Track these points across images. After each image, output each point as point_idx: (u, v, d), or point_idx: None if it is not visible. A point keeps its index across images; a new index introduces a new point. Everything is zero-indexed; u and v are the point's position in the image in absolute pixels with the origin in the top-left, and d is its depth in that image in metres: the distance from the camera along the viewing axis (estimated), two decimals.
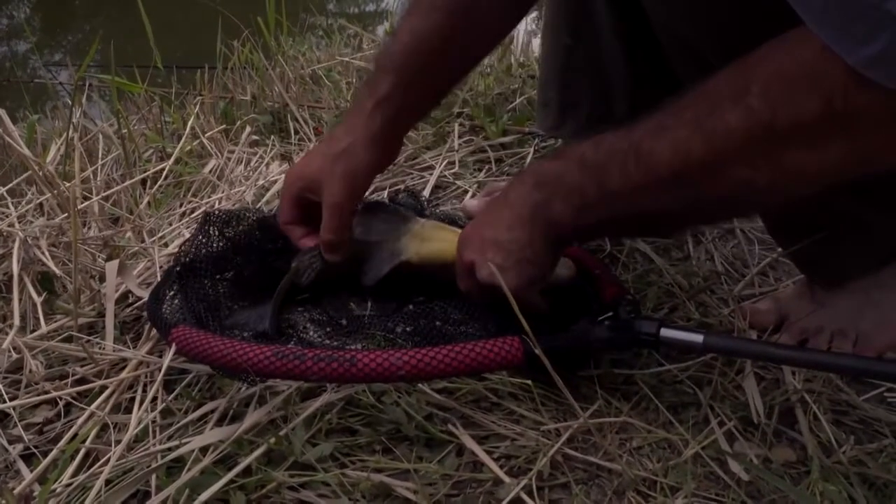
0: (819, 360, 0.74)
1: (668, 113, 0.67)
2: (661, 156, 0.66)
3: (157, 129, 1.54)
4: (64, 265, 1.05)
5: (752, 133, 0.61)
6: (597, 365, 0.83)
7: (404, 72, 0.88)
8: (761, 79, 0.59)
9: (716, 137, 0.63)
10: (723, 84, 0.63)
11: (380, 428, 0.76)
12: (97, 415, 0.80)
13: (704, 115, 0.63)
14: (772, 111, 0.59)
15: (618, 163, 0.70)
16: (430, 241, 0.91)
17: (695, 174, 0.66)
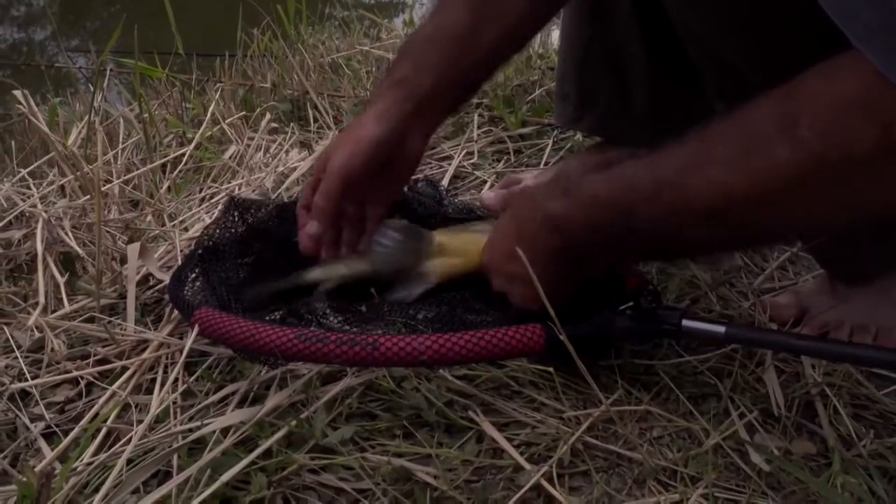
0: (841, 352, 0.73)
1: (698, 147, 0.64)
2: (698, 193, 0.63)
3: (177, 114, 1.55)
4: (86, 246, 1.06)
5: (804, 168, 0.57)
6: (617, 355, 0.83)
7: (422, 57, 0.88)
8: (811, 110, 0.56)
9: (762, 174, 0.59)
10: (765, 116, 0.59)
11: (400, 413, 0.76)
12: (118, 395, 0.80)
13: (746, 150, 0.60)
14: (824, 144, 0.55)
15: (644, 201, 0.67)
16: (453, 257, 0.89)
17: (737, 212, 0.63)
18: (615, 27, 1.10)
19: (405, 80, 0.88)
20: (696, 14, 0.81)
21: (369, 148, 0.87)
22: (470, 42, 0.88)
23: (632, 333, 0.76)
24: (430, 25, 0.91)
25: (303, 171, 1.31)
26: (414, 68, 0.88)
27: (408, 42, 0.93)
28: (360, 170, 0.87)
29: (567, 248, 0.74)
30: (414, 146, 0.91)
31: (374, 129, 0.87)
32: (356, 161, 0.87)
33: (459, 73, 0.89)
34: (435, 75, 0.88)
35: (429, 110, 0.90)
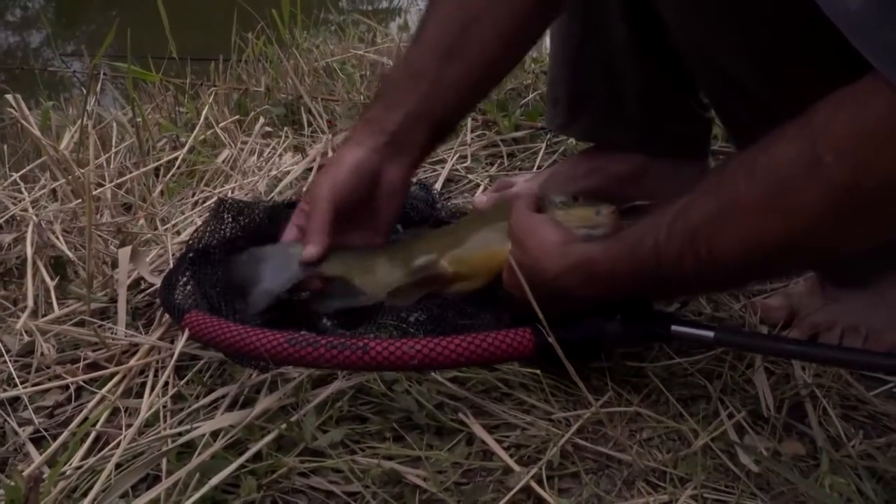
0: (829, 355, 0.74)
1: (721, 198, 0.63)
2: (730, 250, 0.63)
3: (170, 118, 1.55)
4: (77, 250, 1.06)
5: (837, 204, 0.56)
6: (608, 357, 0.83)
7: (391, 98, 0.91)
8: (835, 144, 0.55)
9: (794, 218, 0.59)
10: (788, 157, 0.58)
11: (390, 416, 0.76)
12: (108, 399, 0.80)
13: (774, 196, 0.59)
14: (854, 177, 0.54)
15: (672, 265, 0.67)
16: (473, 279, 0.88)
17: (771, 259, 0.63)
18: (606, 33, 1.10)
19: (375, 118, 0.90)
20: (698, 26, 0.81)
21: (351, 170, 0.88)
22: (437, 83, 0.88)
23: (622, 338, 0.76)
24: (399, 71, 0.94)
25: (296, 175, 1.31)
26: (383, 107, 0.90)
27: (378, 89, 0.97)
28: (345, 190, 0.88)
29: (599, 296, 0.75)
30: (394, 179, 0.91)
31: (352, 156, 0.89)
32: (339, 181, 0.88)
33: (428, 111, 0.90)
34: (403, 112, 0.89)
35: (402, 144, 0.90)
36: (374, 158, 0.89)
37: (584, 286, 0.74)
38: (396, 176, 0.91)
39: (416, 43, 0.92)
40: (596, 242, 0.75)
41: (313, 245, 0.87)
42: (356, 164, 0.88)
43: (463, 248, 0.88)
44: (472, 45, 0.87)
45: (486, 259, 0.86)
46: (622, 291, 0.75)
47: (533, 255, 0.77)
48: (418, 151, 0.93)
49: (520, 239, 0.80)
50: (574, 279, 0.74)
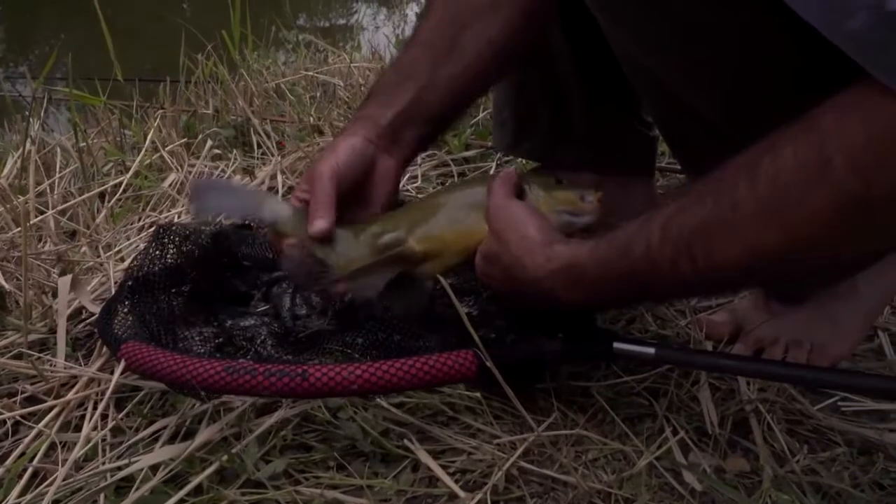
0: (768, 371, 0.74)
1: (718, 205, 0.61)
2: (728, 258, 0.61)
3: (116, 142, 1.53)
4: (16, 280, 1.03)
5: (846, 210, 0.54)
6: (554, 377, 0.83)
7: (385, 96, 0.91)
8: (843, 150, 0.52)
9: (798, 225, 0.56)
10: (793, 161, 0.55)
11: (335, 444, 0.75)
12: (45, 433, 0.78)
13: (777, 202, 0.57)
14: (865, 182, 0.52)
15: (666, 270, 0.65)
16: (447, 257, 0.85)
17: (771, 266, 0.62)
18: (550, 54, 1.11)
19: (369, 114, 0.91)
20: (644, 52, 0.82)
21: (348, 152, 0.88)
22: (429, 83, 0.89)
23: (564, 357, 0.76)
24: (393, 71, 0.94)
25: None
26: (377, 105, 0.91)
27: (372, 88, 0.96)
28: (344, 171, 0.87)
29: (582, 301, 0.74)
30: (387, 168, 0.91)
31: (348, 141, 0.88)
32: (339, 163, 0.87)
33: (420, 110, 0.90)
34: (396, 110, 0.90)
35: (394, 140, 0.91)
36: (370, 147, 0.89)
37: (570, 291, 0.72)
38: (390, 166, 0.91)
39: (411, 44, 0.93)
40: (582, 244, 0.72)
41: (321, 219, 0.84)
42: (351, 148, 0.88)
43: (433, 225, 0.85)
44: (463, 50, 0.88)
45: (458, 238, 0.84)
46: (610, 295, 0.73)
47: (513, 252, 0.76)
48: (410, 148, 0.93)
49: (499, 230, 0.78)
50: (559, 283, 0.72)
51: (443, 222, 0.85)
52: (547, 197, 0.82)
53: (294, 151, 1.45)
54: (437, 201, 0.89)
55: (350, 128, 0.91)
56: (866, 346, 0.98)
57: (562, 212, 0.82)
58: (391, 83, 0.92)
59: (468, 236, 0.83)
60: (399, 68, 0.93)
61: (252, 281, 1.00)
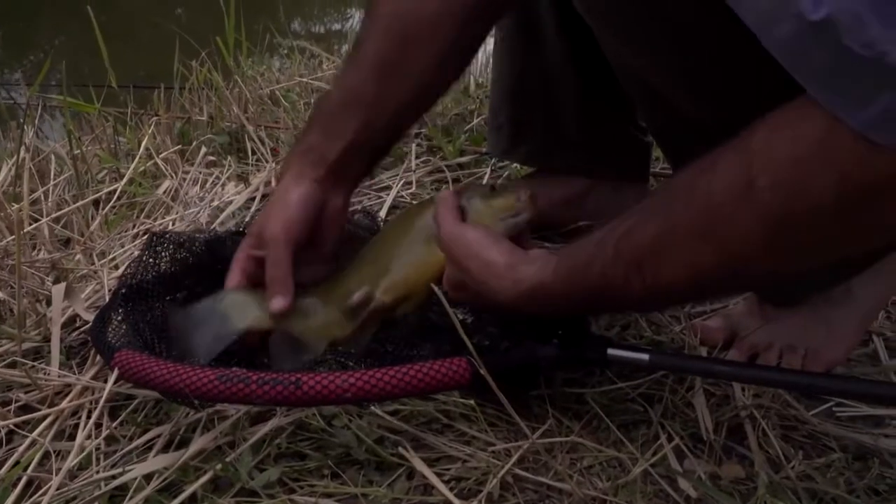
0: (763, 376, 0.74)
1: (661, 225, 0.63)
2: (673, 276, 0.63)
3: (110, 149, 1.52)
4: (10, 289, 1.03)
5: (770, 229, 0.57)
6: (549, 384, 0.83)
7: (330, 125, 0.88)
8: (767, 169, 0.55)
9: (730, 244, 0.59)
10: (722, 183, 0.58)
11: (330, 452, 0.75)
12: (39, 442, 0.78)
13: (709, 221, 0.59)
14: (787, 202, 0.55)
15: (620, 287, 0.67)
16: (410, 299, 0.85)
17: (712, 283, 0.65)
18: (545, 59, 1.12)
19: (314, 147, 0.88)
20: (633, 53, 0.82)
21: (299, 207, 0.86)
22: (377, 107, 0.87)
23: (558, 363, 0.76)
24: (337, 93, 0.91)
25: (238, 205, 1.29)
26: (323, 135, 0.88)
27: (315, 111, 0.93)
28: (299, 229, 0.85)
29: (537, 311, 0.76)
30: (336, 208, 0.90)
31: (297, 190, 0.86)
32: (293, 221, 0.85)
33: (368, 139, 0.88)
34: (344, 141, 0.87)
35: (343, 174, 0.89)
36: (318, 191, 0.87)
37: (540, 307, 0.74)
38: (338, 205, 0.90)
39: (353, 63, 0.89)
40: (546, 264, 0.73)
41: (281, 296, 0.83)
42: (303, 200, 0.86)
43: (395, 270, 0.85)
44: (411, 64, 0.85)
45: (422, 276, 0.84)
46: (577, 308, 0.76)
47: (479, 279, 0.76)
48: (356, 181, 0.92)
49: (458, 259, 0.78)
50: (529, 303, 0.74)
51: (403, 265, 0.85)
52: (487, 208, 0.83)
53: None
54: (389, 243, 0.89)
55: (294, 166, 0.88)
56: (861, 350, 0.98)
57: (504, 217, 0.83)
58: (336, 108, 0.89)
59: (431, 270, 0.83)
60: (343, 90, 0.90)
61: None
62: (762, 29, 0.52)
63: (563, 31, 1.08)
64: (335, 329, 0.85)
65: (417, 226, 0.86)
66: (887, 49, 0.45)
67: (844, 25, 0.46)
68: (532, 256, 0.75)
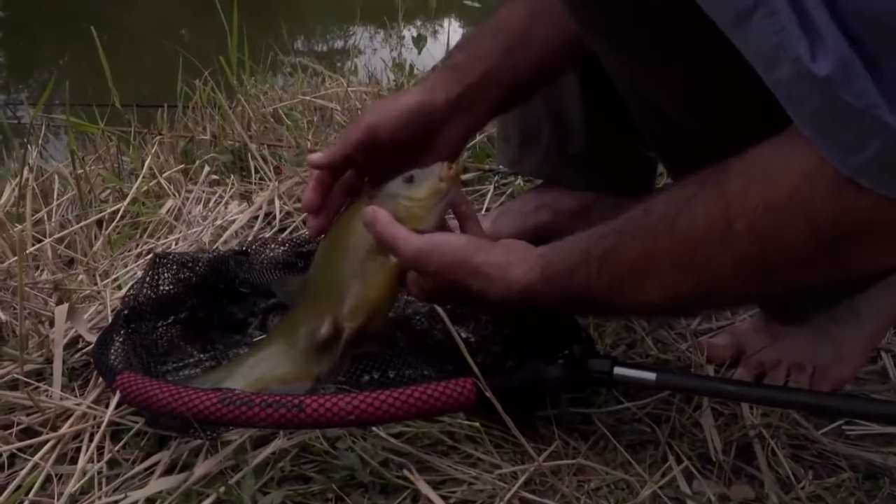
0: (772, 396, 0.74)
1: (643, 249, 0.67)
2: (652, 295, 0.68)
3: (113, 169, 1.52)
4: (13, 310, 1.02)
5: (743, 269, 0.61)
6: (554, 404, 0.82)
7: (476, 48, 0.89)
8: (745, 213, 0.59)
9: (706, 277, 0.64)
10: (702, 220, 0.62)
11: (333, 475, 0.74)
12: (41, 465, 0.77)
13: (687, 255, 0.63)
14: (760, 246, 0.59)
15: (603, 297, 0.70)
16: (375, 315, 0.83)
17: (687, 305, 0.74)
18: None
19: (458, 65, 0.88)
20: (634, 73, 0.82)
21: (404, 112, 0.86)
22: (524, 38, 0.88)
23: (563, 383, 0.75)
24: (489, 23, 0.92)
25: (241, 224, 1.29)
26: (468, 56, 0.88)
27: (467, 36, 0.94)
28: (388, 130, 0.86)
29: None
30: (454, 135, 0.89)
31: (414, 97, 0.87)
32: (387, 120, 0.86)
33: (511, 68, 0.88)
34: (486, 64, 0.87)
35: (475, 100, 0.89)
36: (441, 107, 0.87)
37: (530, 307, 0.76)
38: (457, 132, 0.90)
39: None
40: (534, 266, 0.73)
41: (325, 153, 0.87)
42: (416, 106, 0.86)
43: (353, 297, 0.83)
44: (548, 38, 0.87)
45: (380, 292, 0.82)
46: (564, 309, 0.80)
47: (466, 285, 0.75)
48: (487, 113, 0.92)
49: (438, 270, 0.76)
50: (520, 304, 0.75)
51: (360, 287, 0.83)
52: (416, 204, 0.82)
53: (291, 177, 1.45)
54: (333, 267, 0.86)
55: (432, 80, 0.88)
56: (870, 368, 0.97)
57: (437, 203, 0.82)
58: (486, 32, 0.90)
59: (388, 283, 0.82)
60: (495, 18, 0.90)
61: (249, 308, 1.00)
62: (762, 67, 0.54)
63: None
64: (313, 368, 0.83)
65: (353, 243, 0.84)
66: (877, 102, 0.49)
67: (839, 76, 0.49)
68: (520, 256, 0.75)
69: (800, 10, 0.50)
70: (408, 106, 0.86)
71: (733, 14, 0.54)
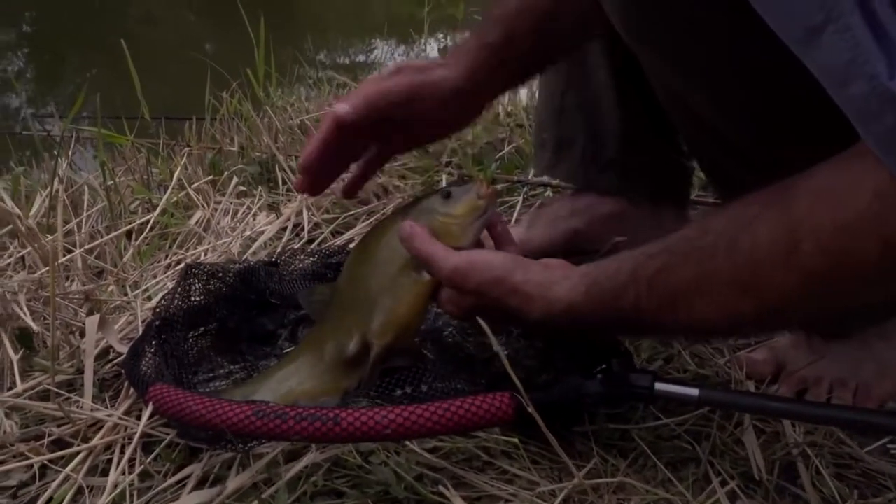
0: (818, 414, 0.72)
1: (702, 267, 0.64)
2: (707, 317, 0.66)
3: (143, 180, 1.53)
4: (44, 320, 1.02)
5: (809, 290, 0.59)
6: (591, 420, 0.81)
7: (515, 25, 0.88)
8: (814, 234, 0.57)
9: (769, 298, 0.62)
10: (766, 241, 0.60)
11: (367, 490, 0.73)
12: (72, 478, 0.76)
13: (750, 276, 0.61)
14: (829, 266, 0.57)
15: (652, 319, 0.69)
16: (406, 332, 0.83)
17: (746, 326, 0.71)
18: (589, 78, 1.12)
19: (494, 46, 0.88)
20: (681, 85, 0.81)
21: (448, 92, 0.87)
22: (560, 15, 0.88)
23: (602, 399, 0.74)
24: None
25: (270, 235, 1.28)
26: (504, 37, 0.88)
27: (501, 4, 0.92)
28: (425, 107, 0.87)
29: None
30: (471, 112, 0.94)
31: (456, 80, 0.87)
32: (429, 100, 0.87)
33: (546, 49, 0.91)
34: (519, 50, 0.89)
35: (505, 80, 0.93)
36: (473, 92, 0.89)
37: (570, 327, 0.74)
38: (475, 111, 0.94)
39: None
40: (577, 285, 0.72)
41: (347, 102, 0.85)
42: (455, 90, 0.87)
43: (383, 313, 0.82)
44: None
45: (411, 309, 0.82)
46: (605, 331, 0.78)
47: (506, 303, 0.75)
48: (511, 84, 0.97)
49: (477, 288, 0.76)
50: (560, 323, 0.74)
51: (389, 303, 0.82)
52: (455, 219, 0.82)
53: None
54: (364, 281, 0.85)
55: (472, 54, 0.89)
56: None
57: (474, 221, 0.82)
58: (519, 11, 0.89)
59: (420, 300, 0.82)
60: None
61: (279, 319, 0.99)
62: (831, 84, 0.53)
63: (608, 52, 1.07)
64: (342, 382, 0.82)
65: (385, 257, 0.83)
66: None
67: None
68: (561, 275, 0.74)
69: (875, 25, 0.49)
70: (452, 89, 0.87)
71: (801, 30, 0.53)
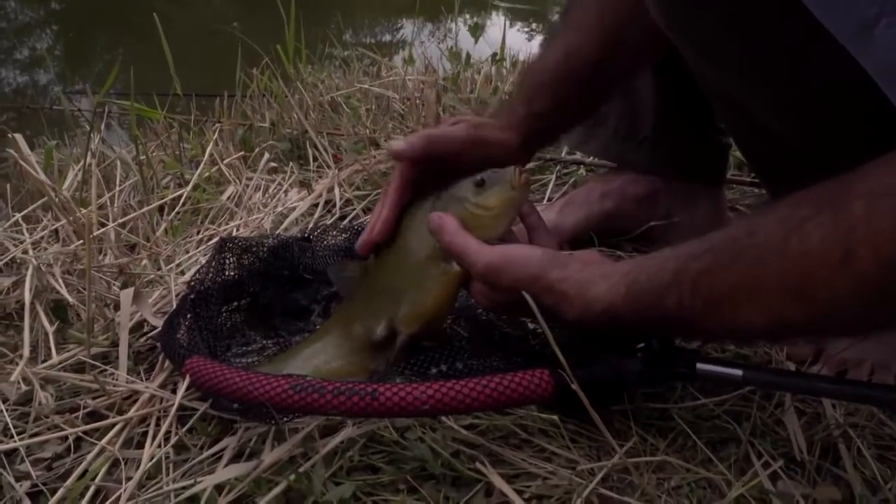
0: (863, 393, 0.70)
1: (750, 271, 0.62)
2: (754, 321, 0.63)
3: (175, 155, 1.53)
4: (78, 293, 1.03)
5: (864, 296, 0.56)
6: (630, 399, 0.80)
7: (560, 93, 0.91)
8: (870, 239, 0.54)
9: (820, 305, 0.58)
10: (819, 247, 0.57)
11: (404, 466, 0.73)
12: (108, 450, 0.77)
13: (801, 283, 0.58)
14: (886, 272, 0.54)
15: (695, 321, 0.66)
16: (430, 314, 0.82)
17: (793, 333, 0.69)
18: None
19: (543, 115, 0.92)
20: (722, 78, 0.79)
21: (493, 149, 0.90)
22: (601, 72, 0.90)
23: (644, 378, 0.72)
24: (562, 52, 0.92)
25: (302, 211, 1.28)
26: (554, 104, 0.92)
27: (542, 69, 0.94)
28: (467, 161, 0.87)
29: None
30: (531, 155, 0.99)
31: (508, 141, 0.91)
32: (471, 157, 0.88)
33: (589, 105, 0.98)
34: (569, 110, 0.94)
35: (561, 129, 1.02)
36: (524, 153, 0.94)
37: (608, 326, 0.72)
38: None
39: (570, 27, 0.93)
40: (617, 285, 0.70)
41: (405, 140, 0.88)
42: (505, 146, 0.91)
43: (412, 303, 0.81)
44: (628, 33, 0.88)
45: (439, 300, 0.81)
46: (644, 331, 0.74)
47: (545, 302, 0.73)
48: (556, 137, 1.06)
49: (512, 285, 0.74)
50: (598, 323, 0.71)
51: (416, 293, 0.81)
52: (488, 210, 0.80)
53: (351, 164, 1.44)
54: (392, 267, 0.84)
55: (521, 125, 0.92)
56: None
57: (507, 213, 0.80)
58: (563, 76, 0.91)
59: (449, 291, 0.80)
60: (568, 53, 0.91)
61: (312, 294, 0.98)
62: (885, 80, 0.51)
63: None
64: (368, 364, 0.82)
65: (415, 246, 0.83)
66: None
67: None
68: (600, 273, 0.72)
69: None
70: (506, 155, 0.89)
71: (852, 25, 0.51)
